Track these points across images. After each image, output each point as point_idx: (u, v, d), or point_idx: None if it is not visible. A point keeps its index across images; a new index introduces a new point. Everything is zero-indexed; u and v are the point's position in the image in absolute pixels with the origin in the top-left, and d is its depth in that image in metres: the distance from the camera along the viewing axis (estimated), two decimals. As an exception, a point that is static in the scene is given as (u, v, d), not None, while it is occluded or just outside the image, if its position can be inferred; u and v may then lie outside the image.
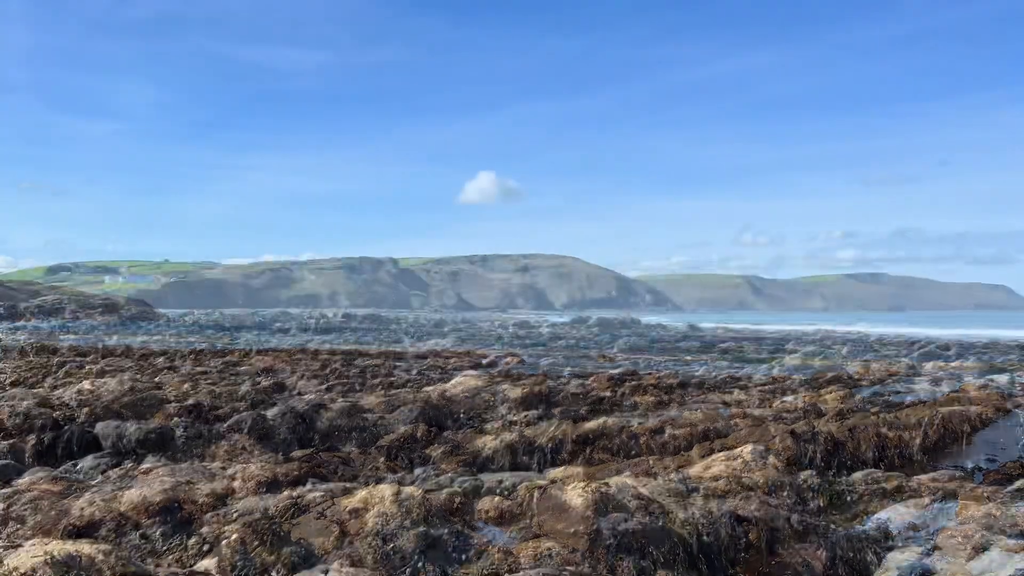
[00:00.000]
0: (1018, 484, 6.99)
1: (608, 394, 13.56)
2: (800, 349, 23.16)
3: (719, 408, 10.52)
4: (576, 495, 6.01)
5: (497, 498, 5.87)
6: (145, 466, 7.71)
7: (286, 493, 6.04)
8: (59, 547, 4.54)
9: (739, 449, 8.48)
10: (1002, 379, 14.55)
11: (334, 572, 4.48)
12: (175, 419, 10.60)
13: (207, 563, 5.32)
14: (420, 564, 5.58)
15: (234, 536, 5.77)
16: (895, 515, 6.30)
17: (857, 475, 7.90)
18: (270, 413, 10.33)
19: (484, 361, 20.27)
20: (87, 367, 18.46)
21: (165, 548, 5.84)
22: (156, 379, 15.99)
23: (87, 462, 8.12)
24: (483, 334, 34.43)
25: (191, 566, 5.39)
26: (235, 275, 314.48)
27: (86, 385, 12.57)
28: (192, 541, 5.81)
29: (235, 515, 5.84)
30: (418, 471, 7.44)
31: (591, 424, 9.93)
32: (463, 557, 5.66)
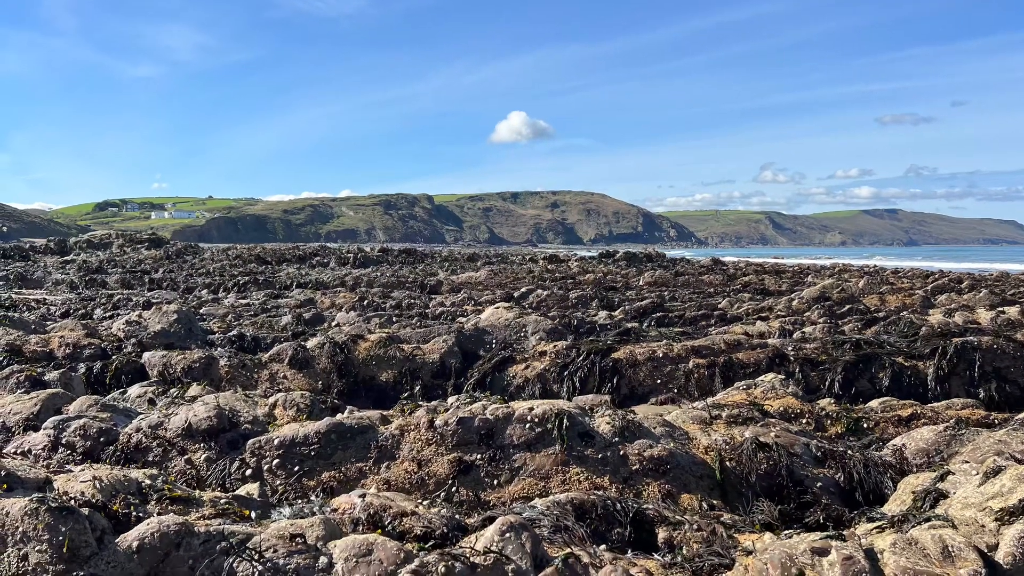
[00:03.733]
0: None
1: (635, 325, 13.72)
2: (819, 282, 23.06)
3: (741, 338, 10.65)
4: (604, 422, 6.19)
5: (528, 425, 6.07)
6: (190, 394, 7.98)
7: (325, 420, 6.23)
8: (107, 472, 4.67)
9: (760, 377, 8.65)
10: (1013, 311, 14.54)
11: (371, 496, 4.72)
12: (219, 349, 10.93)
13: (249, 487, 5.47)
14: (454, 488, 5.82)
15: (275, 461, 6.04)
16: (910, 441, 6.42)
17: (874, 403, 8.00)
18: (310, 344, 10.53)
19: (515, 294, 20.41)
20: (134, 299, 18.84)
21: (209, 473, 6.03)
22: (201, 311, 16.36)
23: (134, 390, 8.37)
24: (514, 267, 34.53)
25: (234, 490, 5.56)
26: (276, 211, 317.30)
27: (133, 316, 12.89)
28: (235, 466, 6.00)
29: (276, 441, 6.09)
30: (452, 399, 7.65)
31: (618, 353, 10.11)
32: (495, 482, 5.88)
